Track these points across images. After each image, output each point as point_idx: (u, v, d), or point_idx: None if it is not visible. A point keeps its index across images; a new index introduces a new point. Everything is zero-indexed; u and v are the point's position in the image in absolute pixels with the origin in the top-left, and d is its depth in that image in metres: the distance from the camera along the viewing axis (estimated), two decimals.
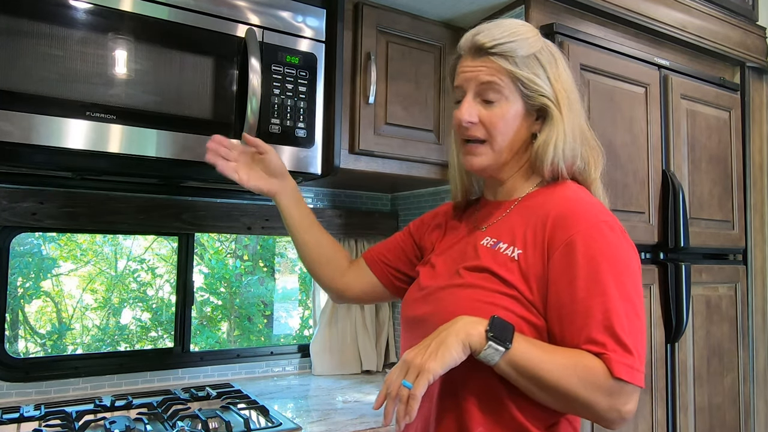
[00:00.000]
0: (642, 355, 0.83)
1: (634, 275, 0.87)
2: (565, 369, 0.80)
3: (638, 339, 0.83)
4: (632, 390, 0.82)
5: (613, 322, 0.82)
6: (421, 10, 1.66)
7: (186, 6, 1.28)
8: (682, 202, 1.73)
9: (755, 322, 2.01)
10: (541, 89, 0.95)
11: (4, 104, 1.09)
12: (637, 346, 0.82)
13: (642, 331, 0.85)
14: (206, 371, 1.80)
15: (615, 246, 0.87)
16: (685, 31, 1.85)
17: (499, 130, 0.95)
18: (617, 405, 0.81)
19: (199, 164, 1.29)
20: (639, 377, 0.82)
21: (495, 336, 0.80)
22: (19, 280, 2.83)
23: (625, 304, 0.83)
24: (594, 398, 0.81)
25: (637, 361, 0.82)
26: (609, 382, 0.80)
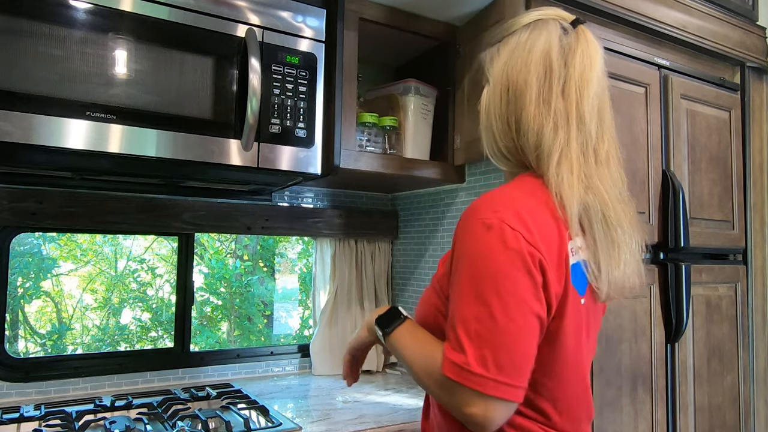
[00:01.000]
0: (488, 360, 0.77)
1: (499, 278, 0.79)
2: (417, 358, 0.89)
3: (486, 342, 0.78)
4: (470, 394, 0.77)
5: (456, 320, 0.81)
6: (422, 10, 1.66)
7: (186, 6, 1.28)
8: (682, 202, 1.73)
9: (755, 322, 2.01)
10: (487, 70, 0.98)
11: (4, 104, 1.09)
12: (479, 349, 0.77)
13: (503, 338, 0.78)
14: (206, 371, 1.80)
15: (479, 246, 0.82)
16: (685, 31, 1.85)
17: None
18: (457, 404, 0.80)
19: (199, 164, 1.29)
20: (472, 379, 0.77)
21: (379, 323, 0.99)
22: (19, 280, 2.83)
23: (476, 306, 0.79)
24: (436, 391, 0.84)
25: (472, 362, 0.77)
26: (439, 377, 0.82)
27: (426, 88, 1.74)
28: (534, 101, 0.90)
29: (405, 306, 2.06)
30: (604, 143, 0.93)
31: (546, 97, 0.90)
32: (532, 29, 0.94)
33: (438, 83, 1.78)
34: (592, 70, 0.92)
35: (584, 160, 0.90)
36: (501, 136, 0.94)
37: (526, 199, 0.86)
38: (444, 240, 1.90)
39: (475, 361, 0.77)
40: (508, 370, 0.78)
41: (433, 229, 1.95)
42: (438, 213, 1.94)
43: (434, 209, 1.96)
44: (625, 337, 1.62)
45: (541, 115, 0.89)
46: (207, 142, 1.29)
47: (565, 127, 0.89)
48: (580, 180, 0.88)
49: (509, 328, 0.78)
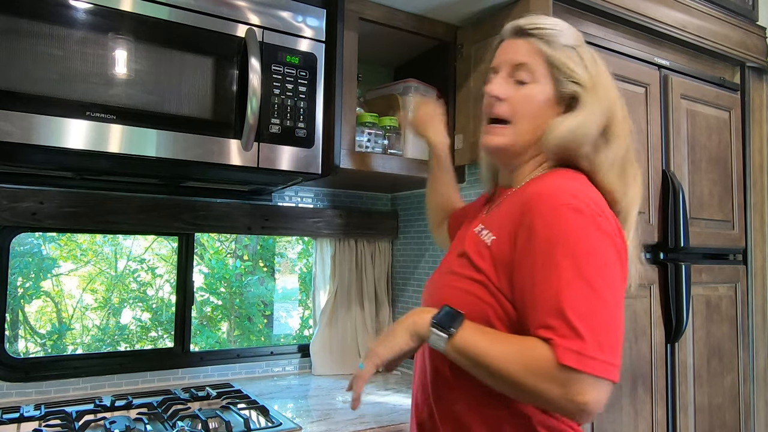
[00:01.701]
0: (602, 342, 0.76)
1: (600, 259, 0.81)
2: (508, 356, 0.80)
3: (598, 324, 0.77)
4: (588, 380, 0.75)
5: (564, 305, 0.77)
6: (422, 10, 1.66)
7: (186, 6, 1.28)
8: (682, 202, 1.73)
9: (755, 322, 2.01)
10: (575, 75, 0.95)
11: (4, 104, 1.09)
12: (594, 332, 0.76)
13: (606, 317, 0.78)
14: (206, 371, 1.80)
15: (577, 229, 0.82)
16: (685, 31, 1.85)
17: (524, 111, 0.96)
18: (571, 396, 0.75)
19: (199, 164, 1.29)
20: (592, 364, 0.75)
21: (438, 323, 0.85)
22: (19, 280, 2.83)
23: (583, 288, 0.78)
24: (540, 386, 0.77)
25: (591, 347, 0.75)
26: (554, 370, 0.75)
27: (426, 88, 1.74)
28: (620, 117, 0.98)
29: (405, 305, 2.06)
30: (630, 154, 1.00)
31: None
32: (590, 48, 1.01)
33: (438, 83, 1.78)
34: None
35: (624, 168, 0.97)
36: (585, 137, 0.95)
37: (593, 190, 0.91)
38: None
39: (594, 344, 0.75)
40: (616, 351, 0.78)
41: None
42: None
43: None
44: (625, 337, 1.61)
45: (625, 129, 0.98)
46: (207, 142, 1.29)
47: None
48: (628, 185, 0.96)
49: (613, 308, 0.80)
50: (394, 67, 2.10)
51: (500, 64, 0.99)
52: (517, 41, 0.98)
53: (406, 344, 0.89)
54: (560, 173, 0.94)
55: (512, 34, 1.00)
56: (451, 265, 0.99)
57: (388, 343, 0.89)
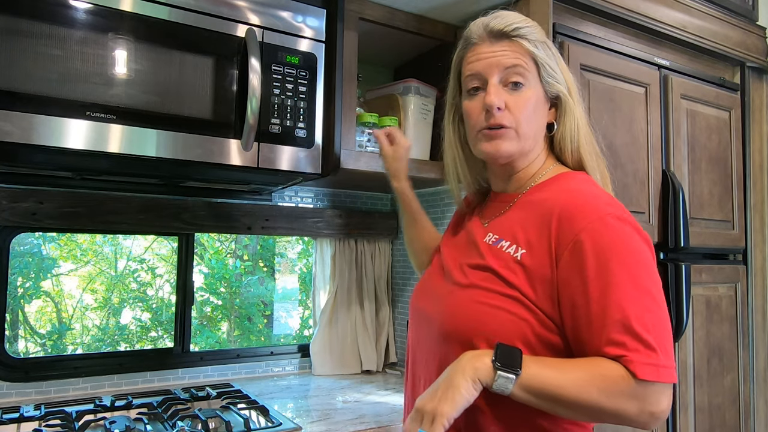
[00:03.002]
0: (667, 348, 0.78)
1: (649, 265, 0.82)
2: (582, 383, 0.76)
3: (661, 332, 0.78)
4: (662, 388, 0.77)
5: (631, 319, 0.77)
6: (422, 10, 1.66)
7: (186, 6, 1.28)
8: (682, 202, 1.73)
9: (755, 322, 2.01)
10: (557, 76, 0.96)
11: (4, 104, 1.09)
12: (661, 341, 0.77)
13: (665, 323, 0.79)
14: (206, 371, 1.79)
15: (624, 238, 0.82)
16: (685, 31, 1.85)
17: (525, 116, 0.92)
18: (648, 408, 0.76)
19: (199, 164, 1.29)
20: (666, 373, 0.76)
21: (503, 365, 0.77)
22: (19, 280, 2.83)
23: (643, 298, 0.78)
24: (621, 406, 0.76)
25: (662, 357, 0.76)
26: (633, 386, 0.75)
27: (426, 88, 1.74)
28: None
29: (405, 305, 2.06)
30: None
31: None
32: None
33: (438, 83, 1.78)
34: None
35: None
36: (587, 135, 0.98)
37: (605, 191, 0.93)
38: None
39: (664, 354, 0.77)
40: (672, 352, 0.80)
41: None
42: (438, 213, 1.94)
43: (434, 209, 1.95)
44: None
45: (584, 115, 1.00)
46: (207, 142, 1.29)
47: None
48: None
49: (665, 312, 0.81)
50: (394, 67, 2.10)
51: (486, 70, 0.93)
52: (499, 45, 0.93)
53: (470, 395, 0.78)
54: (578, 179, 0.94)
55: (489, 38, 0.93)
56: (470, 278, 0.92)
57: (450, 399, 0.77)
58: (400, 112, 1.71)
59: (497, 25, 0.93)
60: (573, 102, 0.96)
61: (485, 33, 0.94)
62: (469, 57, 0.96)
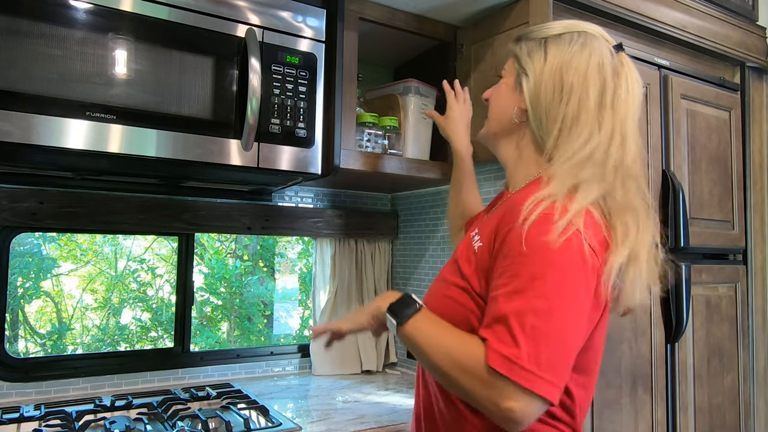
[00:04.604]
0: (545, 357, 0.75)
1: (560, 273, 0.79)
2: (445, 349, 0.83)
3: (541, 339, 0.76)
4: (514, 389, 0.75)
5: (512, 314, 0.77)
6: (422, 10, 1.66)
7: (186, 6, 1.28)
8: (682, 202, 1.73)
9: (755, 322, 2.01)
10: (526, 65, 0.97)
11: (4, 104, 1.09)
12: (535, 345, 0.75)
13: (556, 335, 0.77)
14: (206, 371, 1.80)
15: (545, 241, 0.80)
16: (685, 31, 1.85)
17: (491, 102, 1.06)
18: (495, 398, 0.76)
19: (199, 164, 1.29)
20: (521, 374, 0.74)
21: (392, 310, 0.92)
22: (19, 280, 2.83)
23: (534, 301, 0.77)
24: (470, 385, 0.79)
25: (524, 357, 0.75)
26: (481, 370, 0.77)
27: (426, 88, 1.74)
28: (592, 109, 0.92)
29: None
30: (637, 162, 0.96)
31: (600, 108, 0.92)
32: (585, 39, 0.96)
33: (438, 83, 1.78)
34: (637, 95, 0.97)
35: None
36: (539, 126, 0.94)
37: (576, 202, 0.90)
38: (444, 240, 1.90)
39: (528, 356, 0.75)
40: (557, 370, 0.77)
41: (433, 229, 1.95)
42: (438, 213, 1.94)
43: (434, 209, 1.96)
44: (625, 337, 1.62)
45: (593, 124, 0.91)
46: (207, 142, 1.29)
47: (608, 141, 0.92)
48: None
49: (565, 327, 0.78)
50: (394, 67, 2.10)
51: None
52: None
53: (368, 323, 1.00)
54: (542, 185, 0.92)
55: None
56: (445, 271, 0.99)
57: (352, 319, 1.04)
58: (400, 112, 1.71)
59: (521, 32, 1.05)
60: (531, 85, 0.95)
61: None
62: None
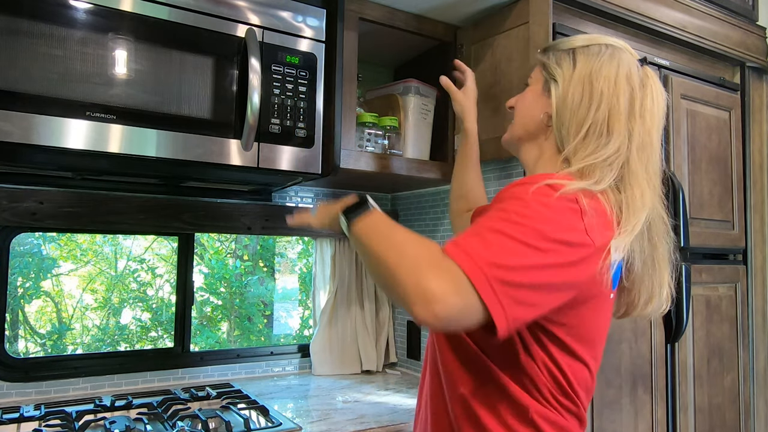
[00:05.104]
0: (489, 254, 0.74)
1: (537, 220, 0.78)
2: (395, 242, 0.82)
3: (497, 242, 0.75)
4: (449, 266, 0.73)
5: (468, 233, 0.78)
6: (422, 10, 1.66)
7: (186, 6, 1.28)
8: (682, 202, 1.73)
9: (755, 322, 2.01)
10: (554, 70, 1.00)
11: (4, 104, 1.09)
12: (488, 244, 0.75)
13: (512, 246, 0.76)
14: (206, 371, 1.80)
15: (529, 193, 0.82)
16: (685, 31, 1.85)
17: (518, 108, 1.09)
18: (420, 277, 0.72)
19: (199, 164, 1.29)
20: (466, 260, 0.73)
21: (345, 212, 0.91)
22: (19, 280, 2.83)
23: (501, 236, 0.76)
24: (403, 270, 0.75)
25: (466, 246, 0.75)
26: (426, 254, 0.76)
27: (426, 88, 1.74)
28: (623, 118, 0.94)
29: None
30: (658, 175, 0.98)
31: (630, 116, 0.95)
32: (612, 51, 1.00)
33: (438, 83, 1.78)
34: (662, 108, 0.99)
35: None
36: (563, 129, 0.97)
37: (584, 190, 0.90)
38: (444, 239, 1.90)
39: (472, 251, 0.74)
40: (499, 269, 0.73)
41: (433, 229, 1.95)
42: (438, 213, 1.94)
43: (434, 209, 1.96)
44: (625, 337, 1.62)
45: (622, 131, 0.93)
46: (207, 142, 1.29)
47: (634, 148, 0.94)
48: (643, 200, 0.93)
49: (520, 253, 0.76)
50: (394, 67, 2.10)
51: None
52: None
53: (328, 222, 1.02)
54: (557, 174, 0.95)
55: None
56: None
57: (318, 217, 1.06)
58: (400, 112, 1.71)
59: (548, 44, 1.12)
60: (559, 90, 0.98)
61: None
62: None
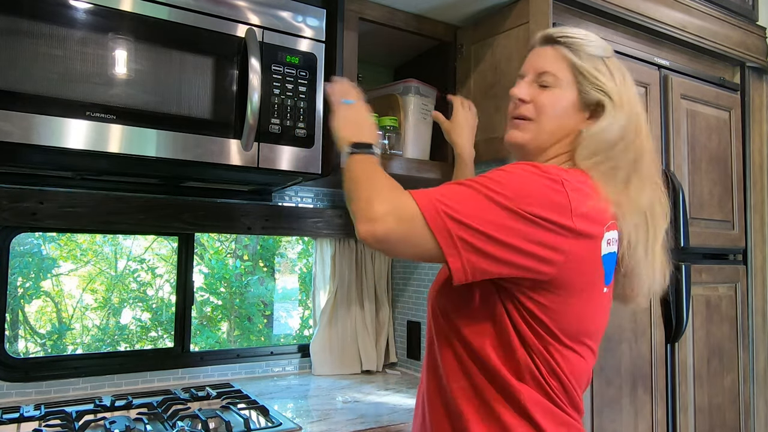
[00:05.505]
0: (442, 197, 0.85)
1: (507, 181, 0.86)
2: (375, 175, 0.92)
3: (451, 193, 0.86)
4: (402, 195, 0.86)
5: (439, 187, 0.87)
6: (422, 10, 1.66)
7: (186, 6, 1.28)
8: (682, 202, 1.73)
9: (755, 322, 2.01)
10: (601, 83, 0.97)
11: (4, 104, 1.09)
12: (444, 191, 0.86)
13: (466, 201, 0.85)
14: (206, 371, 1.80)
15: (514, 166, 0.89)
16: (685, 31, 1.85)
17: (546, 112, 0.99)
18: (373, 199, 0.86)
19: (199, 164, 1.29)
20: (420, 194, 0.85)
21: (356, 145, 1.00)
22: (19, 280, 2.83)
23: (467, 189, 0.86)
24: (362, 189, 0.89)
25: (430, 189, 0.86)
26: (394, 187, 0.89)
27: (426, 88, 1.74)
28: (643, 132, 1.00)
29: (405, 305, 2.06)
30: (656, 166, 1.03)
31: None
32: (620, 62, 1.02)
33: (438, 83, 1.78)
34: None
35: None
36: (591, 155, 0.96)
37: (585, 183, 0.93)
38: None
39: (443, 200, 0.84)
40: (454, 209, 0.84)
41: None
42: None
43: None
44: (625, 337, 1.62)
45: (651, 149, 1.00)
46: (207, 142, 1.29)
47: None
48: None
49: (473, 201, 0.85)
50: (394, 67, 2.10)
51: (527, 70, 1.04)
52: (545, 49, 1.02)
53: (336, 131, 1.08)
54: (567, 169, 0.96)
55: (541, 42, 1.03)
56: None
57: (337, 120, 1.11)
58: (400, 112, 1.71)
59: (551, 32, 1.03)
60: (613, 110, 0.96)
61: (540, 38, 1.05)
62: (527, 56, 1.07)
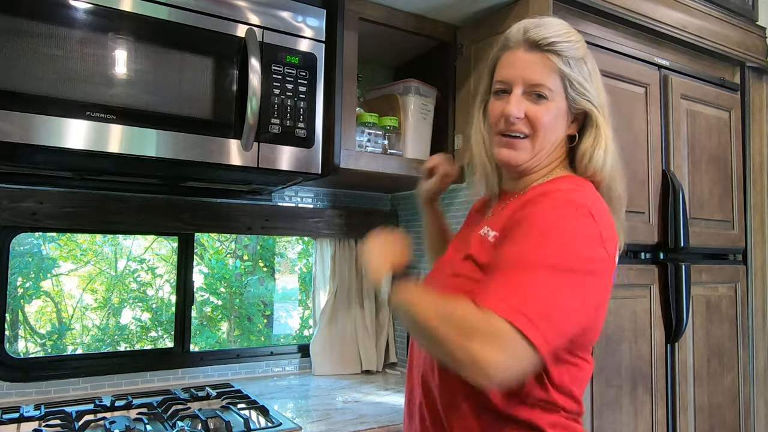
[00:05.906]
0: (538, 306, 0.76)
1: (572, 247, 0.82)
2: (432, 310, 0.82)
3: (532, 296, 0.77)
4: (495, 328, 0.74)
5: (503, 271, 0.81)
6: (422, 10, 1.66)
7: (186, 6, 1.28)
8: (682, 202, 1.73)
9: (755, 322, 2.01)
10: (588, 94, 0.96)
11: (4, 104, 1.09)
12: (528, 295, 0.77)
13: (550, 297, 0.78)
14: (206, 371, 1.79)
15: (562, 216, 0.84)
16: (685, 31, 1.85)
17: (543, 127, 0.95)
18: (468, 343, 0.74)
19: (199, 164, 1.29)
20: (516, 316, 0.74)
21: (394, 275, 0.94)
22: (19, 280, 2.83)
23: (536, 271, 0.79)
24: (452, 335, 0.76)
25: (515, 300, 0.76)
26: (469, 315, 0.76)
27: (426, 88, 1.74)
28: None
29: None
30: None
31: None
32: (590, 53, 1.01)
33: (438, 83, 1.78)
34: None
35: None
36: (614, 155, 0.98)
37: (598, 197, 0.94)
38: None
39: (522, 301, 0.76)
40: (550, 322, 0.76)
41: None
42: None
43: None
44: (625, 337, 1.62)
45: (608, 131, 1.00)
46: (207, 142, 1.29)
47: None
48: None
49: (549, 292, 0.79)
50: (394, 67, 2.10)
51: (514, 78, 0.96)
52: (532, 56, 0.95)
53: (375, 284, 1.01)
54: (575, 180, 0.97)
55: (525, 46, 0.95)
56: (457, 268, 0.99)
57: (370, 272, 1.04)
58: (400, 112, 1.71)
59: (535, 35, 0.95)
60: (602, 120, 0.97)
61: (522, 40, 0.96)
62: (503, 61, 0.99)
